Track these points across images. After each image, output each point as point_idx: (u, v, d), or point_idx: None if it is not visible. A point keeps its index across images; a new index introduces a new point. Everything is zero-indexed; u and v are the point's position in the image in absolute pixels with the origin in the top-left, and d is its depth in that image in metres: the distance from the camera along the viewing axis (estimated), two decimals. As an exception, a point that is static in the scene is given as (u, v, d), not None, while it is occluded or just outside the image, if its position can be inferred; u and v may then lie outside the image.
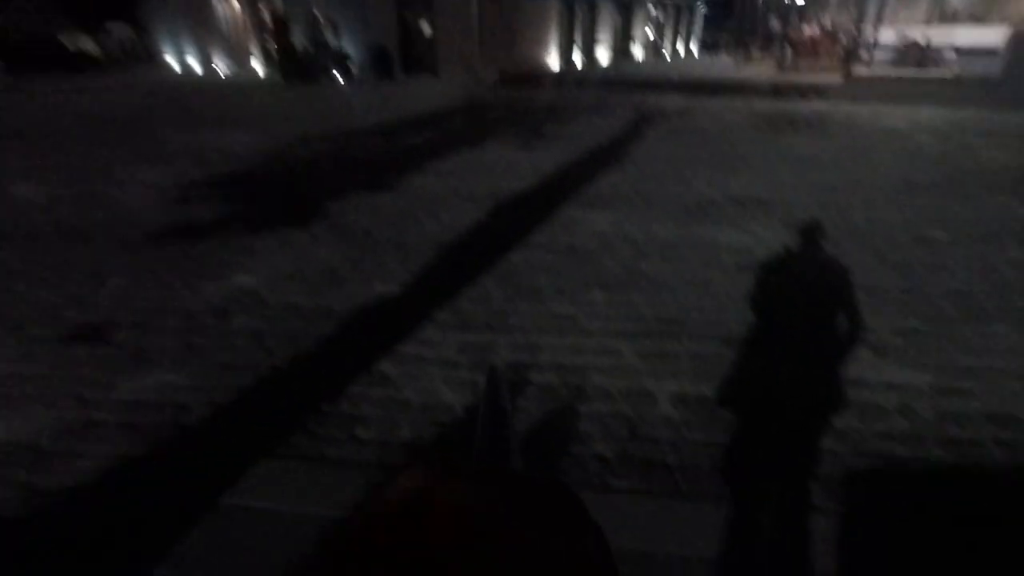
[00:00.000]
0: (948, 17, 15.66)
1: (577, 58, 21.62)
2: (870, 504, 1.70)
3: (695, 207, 4.66)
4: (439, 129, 8.56)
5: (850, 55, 10.65)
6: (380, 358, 2.50)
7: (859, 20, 13.28)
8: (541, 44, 19.83)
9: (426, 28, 17.92)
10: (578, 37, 21.54)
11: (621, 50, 24.55)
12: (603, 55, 23.20)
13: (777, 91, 11.65)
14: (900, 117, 8.87)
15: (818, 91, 11.13)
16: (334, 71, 16.16)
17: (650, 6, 25.72)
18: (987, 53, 9.53)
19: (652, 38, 26.78)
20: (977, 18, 14.57)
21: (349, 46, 17.35)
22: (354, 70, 16.70)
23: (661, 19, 27.39)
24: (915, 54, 11.44)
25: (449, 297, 3.05)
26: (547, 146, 7.18)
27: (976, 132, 7.60)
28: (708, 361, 2.44)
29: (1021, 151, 6.43)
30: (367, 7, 17.21)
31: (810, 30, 14.00)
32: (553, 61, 20.31)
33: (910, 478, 1.80)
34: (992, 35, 10.08)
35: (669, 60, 25.78)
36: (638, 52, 25.72)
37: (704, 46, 29.20)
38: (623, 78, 14.69)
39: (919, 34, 11.71)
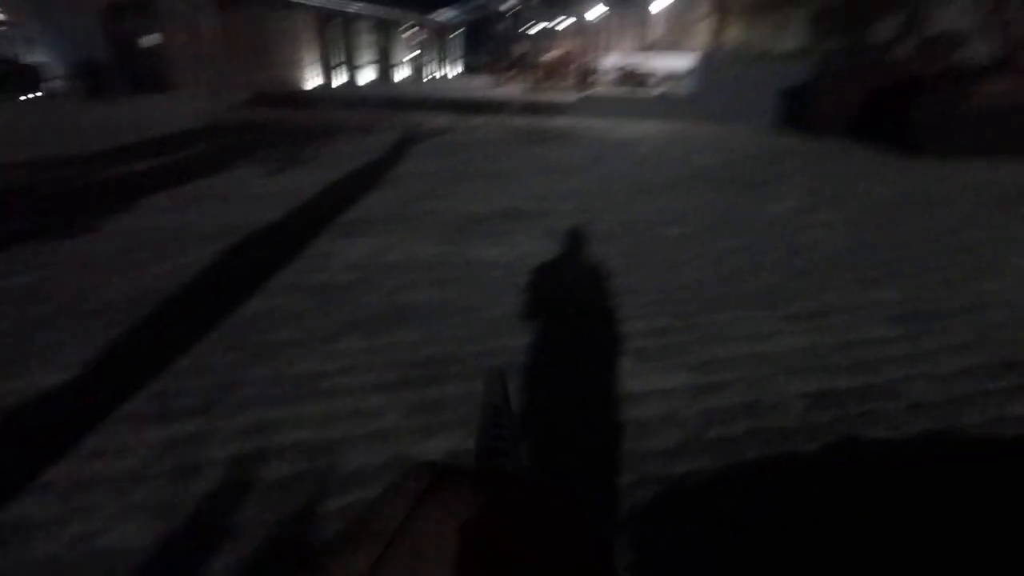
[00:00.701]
0: (651, 46, 18.86)
1: (338, 78, 20.76)
2: (662, 541, 1.55)
3: (462, 223, 4.49)
4: (166, 154, 7.13)
5: (585, 77, 11.90)
6: (21, 495, 1.67)
7: (589, 47, 15.12)
8: (296, 62, 18.51)
9: (150, 40, 15.32)
10: (337, 56, 20.71)
11: (383, 70, 24.39)
12: (365, 75, 22.74)
13: (528, 108, 12.57)
14: (628, 129, 10.20)
15: (561, 108, 12.30)
16: (19, 85, 12.77)
17: (413, 29, 26.12)
18: (683, 76, 11.45)
19: (414, 59, 27.23)
20: (673, 47, 17.81)
21: (48, 57, 13.94)
22: (54, 85, 13.44)
23: (423, 41, 28.07)
24: (632, 77, 13.38)
25: (151, 376, 2.28)
26: (301, 170, 6.44)
27: (684, 140, 9.05)
28: (479, 405, 2.15)
29: (720, 154, 7.78)
30: (66, 14, 14.04)
31: (552, 55, 15.53)
32: (311, 80, 19.12)
33: (689, 499, 1.71)
34: (685, 61, 12.22)
35: (431, 81, 26.43)
36: (401, 73, 25.87)
37: (465, 68, 30.70)
38: (386, 98, 14.42)
39: (634, 60, 13.75)
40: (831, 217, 4.78)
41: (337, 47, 20.53)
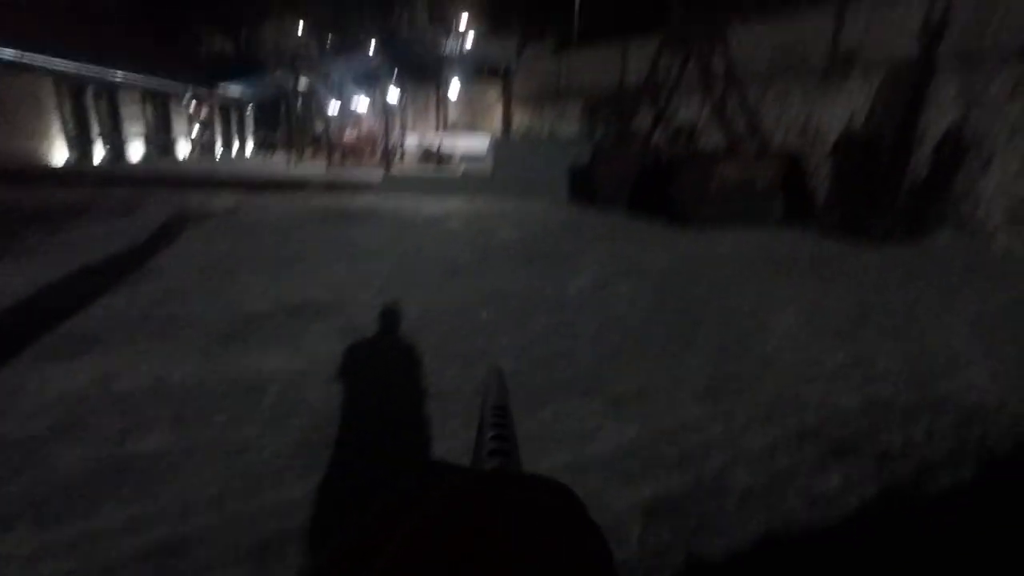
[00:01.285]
0: (451, 127, 19.78)
1: (99, 152, 17.73)
2: None
3: (236, 327, 3.67)
4: None
5: (388, 155, 11.76)
6: None
7: (391, 127, 15.21)
8: (38, 133, 15.37)
9: None
10: (101, 128, 17.77)
11: (161, 145, 21.63)
12: (137, 150, 19.85)
13: (329, 187, 11.94)
14: (433, 206, 10.18)
15: (365, 186, 11.93)
16: None
17: (192, 103, 23.80)
18: (483, 155, 11.98)
19: (200, 134, 24.74)
20: (471, 128, 18.88)
21: None
22: None
23: (210, 116, 25.70)
24: (435, 155, 13.67)
25: None
26: (14, 266, 4.92)
27: (487, 216, 9.26)
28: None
29: (521, 229, 8.03)
30: None
31: (352, 133, 15.25)
32: (59, 154, 16.01)
33: None
34: (482, 142, 12.86)
35: (222, 158, 24.18)
36: (184, 148, 23.23)
37: (260, 145, 28.81)
38: (159, 175, 12.54)
39: (435, 139, 14.12)
40: (630, 288, 5.02)
41: (100, 118, 17.70)
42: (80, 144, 17.05)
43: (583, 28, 19.13)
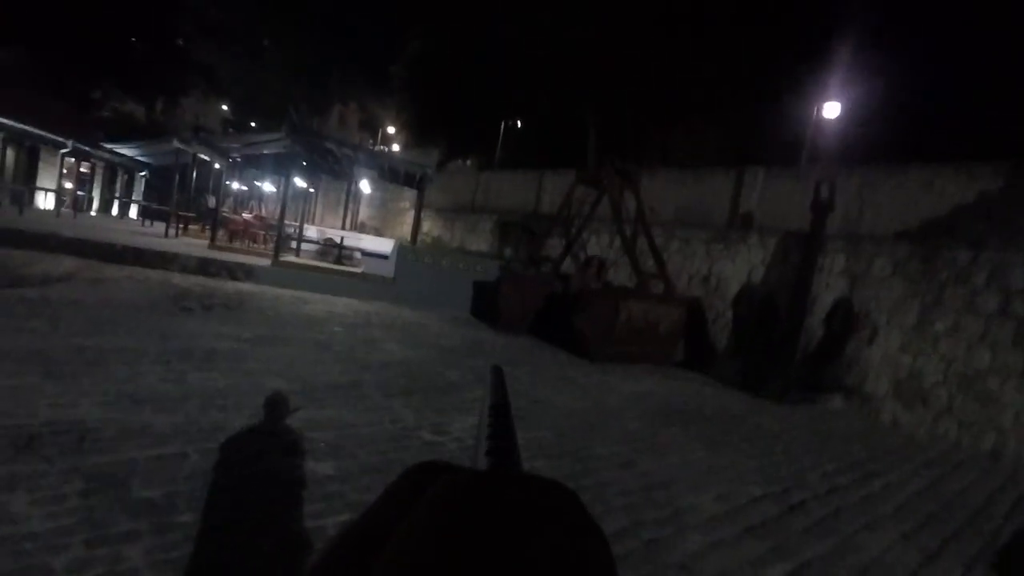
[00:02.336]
0: (360, 225, 19.05)
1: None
2: None
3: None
4: None
5: (283, 242, 10.63)
6: None
7: (294, 214, 14.19)
8: None
9: None
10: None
11: (15, 194, 18.86)
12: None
13: (206, 267, 10.45)
14: (319, 304, 9.03)
15: (249, 272, 10.59)
16: None
17: (72, 156, 21.49)
18: (385, 257, 11.20)
19: (71, 190, 22.09)
20: (381, 230, 18.25)
21: None
22: None
23: (89, 173, 23.27)
24: (333, 251, 12.70)
25: None
26: None
27: (378, 324, 8.25)
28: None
29: (411, 345, 7.06)
30: None
31: (246, 214, 13.97)
32: None
33: None
34: (388, 245, 12.15)
35: (90, 217, 21.55)
36: (48, 202, 20.48)
37: (145, 212, 26.29)
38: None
39: (336, 235, 13.22)
40: (531, 436, 4.15)
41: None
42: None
43: (504, 155, 19.97)
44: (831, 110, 10.53)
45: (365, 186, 14.90)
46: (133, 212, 25.66)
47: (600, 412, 5.40)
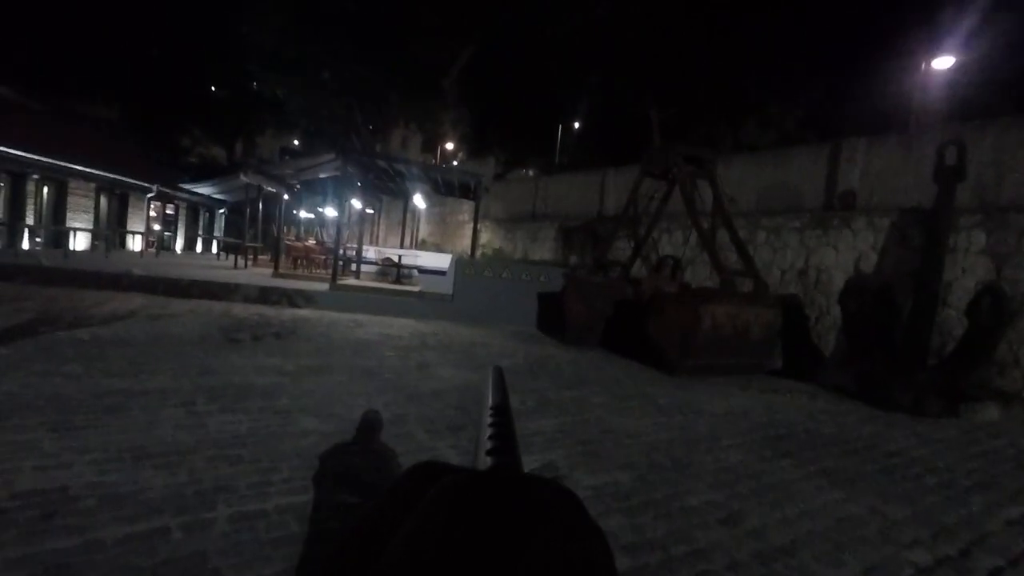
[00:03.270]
0: (420, 243, 18.87)
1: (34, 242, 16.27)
2: None
3: None
4: None
5: (336, 266, 10.41)
6: None
7: (346, 238, 14.14)
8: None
9: None
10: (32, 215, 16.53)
11: (109, 238, 20.32)
12: (81, 241, 18.46)
13: (266, 296, 10.41)
14: (374, 328, 8.61)
15: (308, 297, 10.44)
16: None
17: (155, 198, 23.04)
18: (442, 274, 10.72)
19: (156, 231, 23.66)
20: (440, 246, 17.96)
21: None
22: None
23: (171, 213, 24.86)
24: (391, 270, 12.40)
25: None
26: None
27: (434, 345, 7.66)
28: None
29: (466, 368, 6.39)
30: None
31: (306, 240, 14.06)
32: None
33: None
34: (445, 260, 11.68)
35: (170, 256, 22.94)
36: (135, 244, 21.96)
37: (222, 247, 27.83)
38: (61, 269, 10.92)
39: (394, 254, 12.94)
40: (602, 482, 3.32)
41: (37, 206, 16.53)
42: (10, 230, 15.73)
43: (564, 159, 19.18)
44: (941, 64, 8.94)
45: (419, 201, 14.61)
46: (215, 248, 27.18)
47: (688, 441, 4.44)
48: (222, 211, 27.80)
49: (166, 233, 24.51)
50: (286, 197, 20.04)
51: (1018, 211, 6.12)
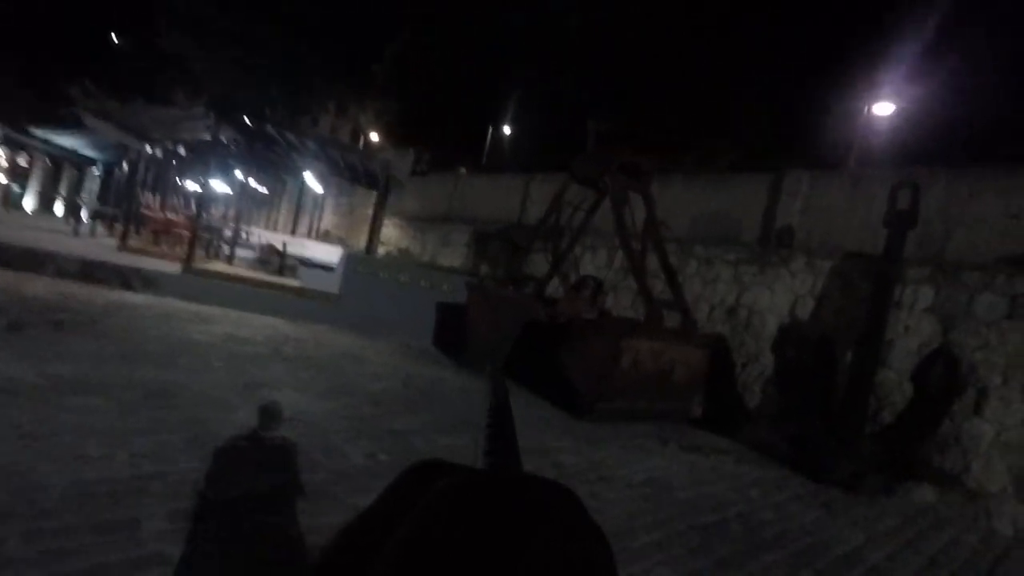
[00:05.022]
0: (322, 236, 16.82)
1: None
2: None
3: None
4: None
5: (192, 246, 8.37)
6: None
7: (225, 216, 12.00)
8: None
9: None
10: None
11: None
12: None
13: (91, 272, 8.16)
14: (223, 325, 6.74)
15: (147, 280, 8.31)
16: None
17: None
18: (330, 269, 8.99)
19: (3, 184, 19.77)
20: (343, 240, 16.01)
21: None
22: None
23: (22, 166, 20.94)
24: (273, 259, 10.46)
25: None
26: None
27: (290, 356, 5.92)
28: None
29: (333, 392, 4.78)
30: None
31: (172, 213, 11.71)
32: None
33: None
34: (336, 253, 9.95)
35: (16, 215, 19.18)
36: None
37: (93, 216, 24.03)
38: None
39: (279, 240, 11.00)
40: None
41: None
42: None
43: (492, 162, 17.95)
44: (882, 109, 8.62)
45: (314, 184, 12.74)
46: (84, 215, 23.29)
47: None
48: (98, 173, 24.01)
49: (14, 188, 20.55)
50: (174, 163, 17.29)
51: (972, 268, 5.51)
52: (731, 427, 6.59)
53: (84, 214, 23.59)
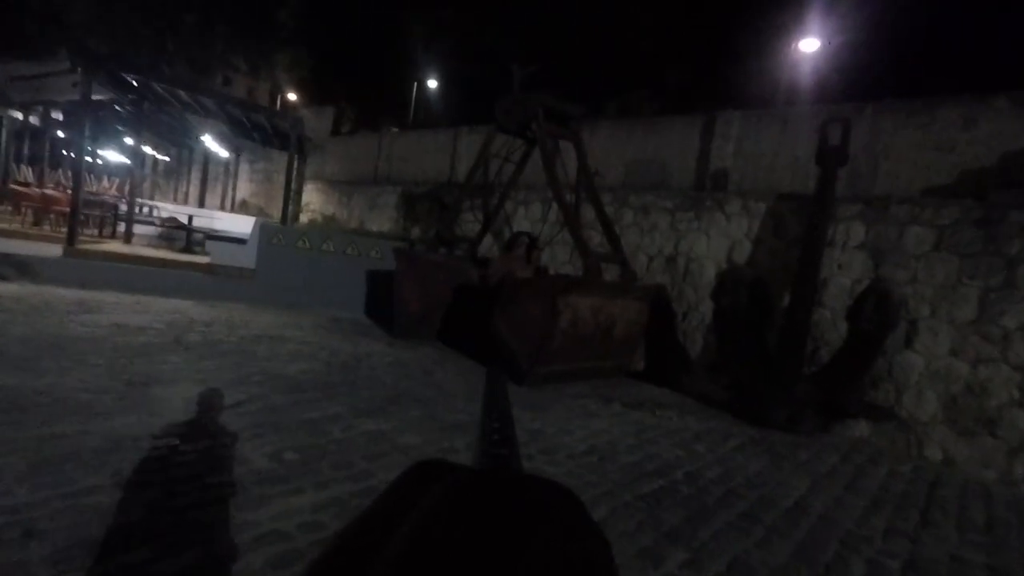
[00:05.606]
0: (240, 206, 15.51)
1: None
2: None
3: None
4: None
5: (74, 222, 7.31)
6: None
7: (137, 189, 10.69)
8: None
9: None
10: None
11: None
12: None
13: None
14: (117, 312, 5.92)
15: (20, 265, 7.23)
16: None
17: None
18: (242, 242, 8.14)
19: None
20: (262, 210, 14.83)
21: None
22: None
23: None
24: (179, 235, 9.42)
25: None
26: None
27: (194, 343, 5.24)
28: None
29: (215, 382, 4.20)
30: None
31: (51, 186, 10.27)
32: None
33: None
34: (247, 224, 9.05)
35: None
36: None
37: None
38: None
39: (184, 213, 9.91)
40: None
41: None
42: None
43: (421, 119, 16.97)
44: (808, 46, 8.50)
45: (215, 146, 11.54)
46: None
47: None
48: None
49: None
50: (60, 134, 15.30)
51: (900, 202, 5.48)
52: (673, 379, 6.51)
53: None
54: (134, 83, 8.37)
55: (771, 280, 6.00)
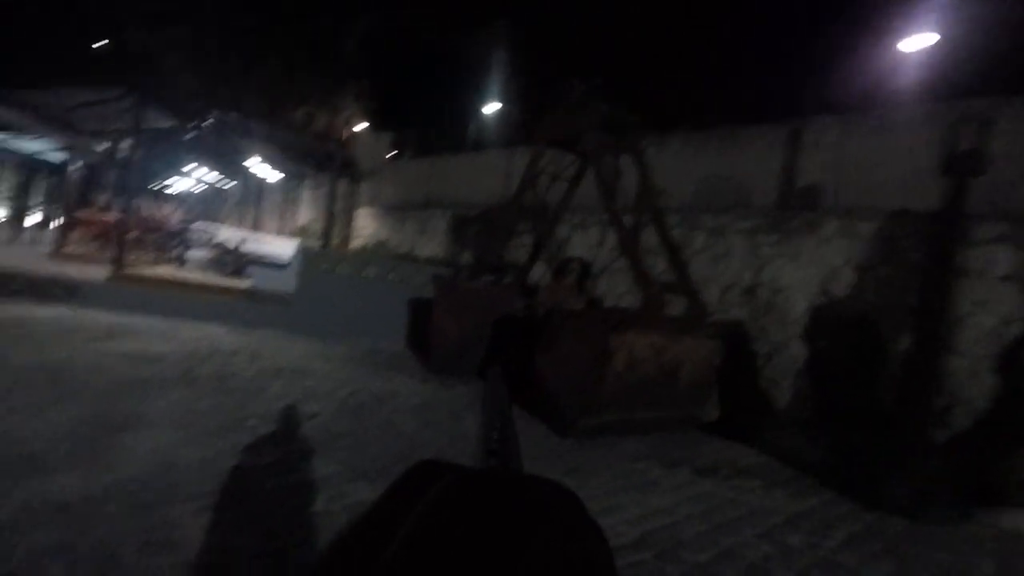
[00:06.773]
0: (300, 231, 15.66)
1: None
2: None
3: None
4: None
5: (122, 248, 7.24)
6: None
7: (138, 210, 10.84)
8: None
9: None
10: None
11: None
12: None
13: (3, 286, 7.08)
14: (144, 339, 5.61)
15: (70, 290, 7.22)
16: None
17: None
18: (283, 267, 7.82)
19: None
20: (321, 235, 14.86)
21: None
22: None
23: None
24: (229, 259, 9.31)
25: None
26: None
27: (206, 375, 4.76)
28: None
29: (199, 430, 3.61)
30: None
31: (109, 213, 10.56)
32: None
33: None
34: (288, 248, 8.79)
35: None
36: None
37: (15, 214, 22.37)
38: None
39: (235, 238, 9.85)
40: None
41: None
42: None
43: (478, 139, 16.66)
44: (913, 44, 7.23)
45: (263, 171, 11.56)
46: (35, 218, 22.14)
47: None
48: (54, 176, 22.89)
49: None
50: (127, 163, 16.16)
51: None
52: (755, 433, 5.36)
53: (30, 220, 22.48)
54: (193, 112, 8.39)
55: (882, 318, 4.80)
